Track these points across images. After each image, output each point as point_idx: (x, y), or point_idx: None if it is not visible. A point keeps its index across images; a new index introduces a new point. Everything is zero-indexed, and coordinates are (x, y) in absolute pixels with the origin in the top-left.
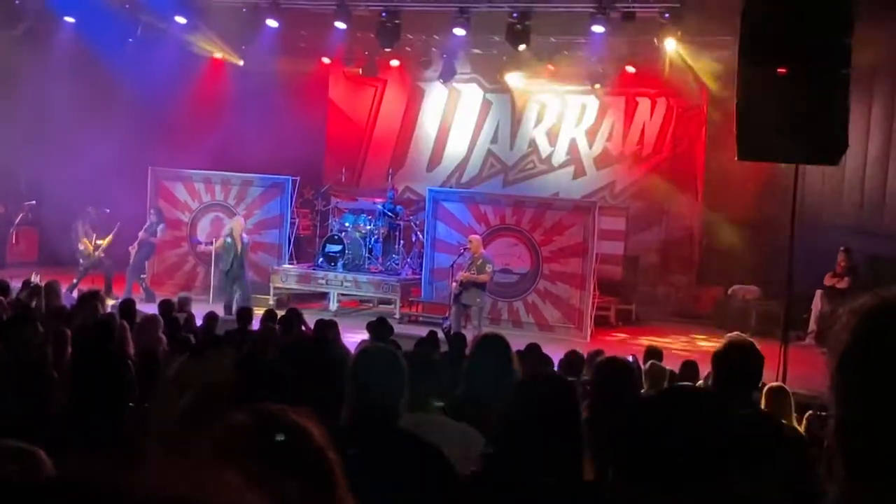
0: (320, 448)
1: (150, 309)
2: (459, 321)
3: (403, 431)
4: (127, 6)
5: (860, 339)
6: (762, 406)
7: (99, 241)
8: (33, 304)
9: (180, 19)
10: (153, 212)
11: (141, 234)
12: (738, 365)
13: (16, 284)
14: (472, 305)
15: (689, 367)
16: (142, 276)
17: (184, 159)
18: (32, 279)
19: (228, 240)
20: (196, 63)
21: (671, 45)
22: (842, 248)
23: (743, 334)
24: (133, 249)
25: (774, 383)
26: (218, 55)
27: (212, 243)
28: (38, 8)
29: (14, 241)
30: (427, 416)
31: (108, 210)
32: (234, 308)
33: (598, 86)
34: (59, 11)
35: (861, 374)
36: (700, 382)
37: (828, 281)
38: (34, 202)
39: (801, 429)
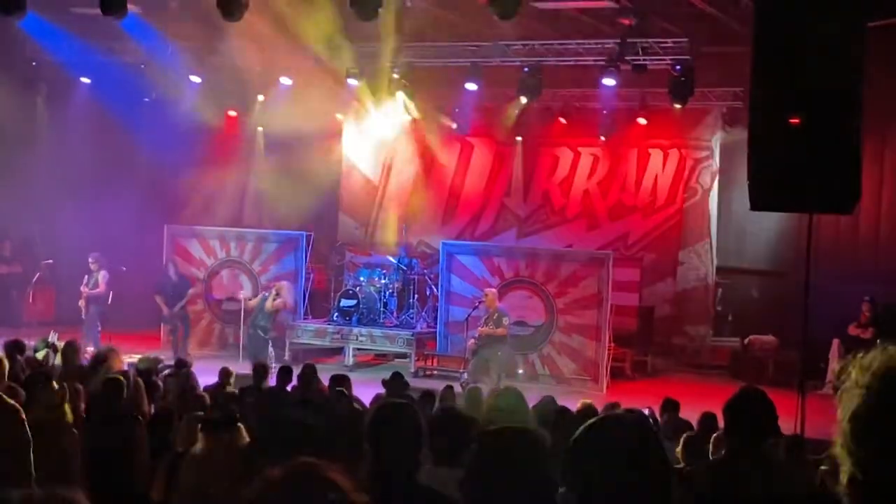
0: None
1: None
2: (477, 375)
3: (422, 486)
4: (142, 66)
5: (871, 397)
6: (780, 457)
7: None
8: (50, 362)
9: (195, 79)
10: (92, 261)
11: (83, 289)
12: (749, 415)
13: (32, 343)
14: (492, 360)
15: (708, 419)
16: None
17: (199, 216)
18: (49, 338)
19: (261, 297)
20: (211, 121)
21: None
22: (866, 299)
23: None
24: (82, 305)
25: (790, 434)
26: (232, 112)
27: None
28: (55, 69)
29: (31, 300)
30: (452, 472)
31: (124, 268)
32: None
33: (606, 138)
34: (75, 72)
35: (872, 432)
36: (716, 434)
37: (852, 331)
38: (51, 261)
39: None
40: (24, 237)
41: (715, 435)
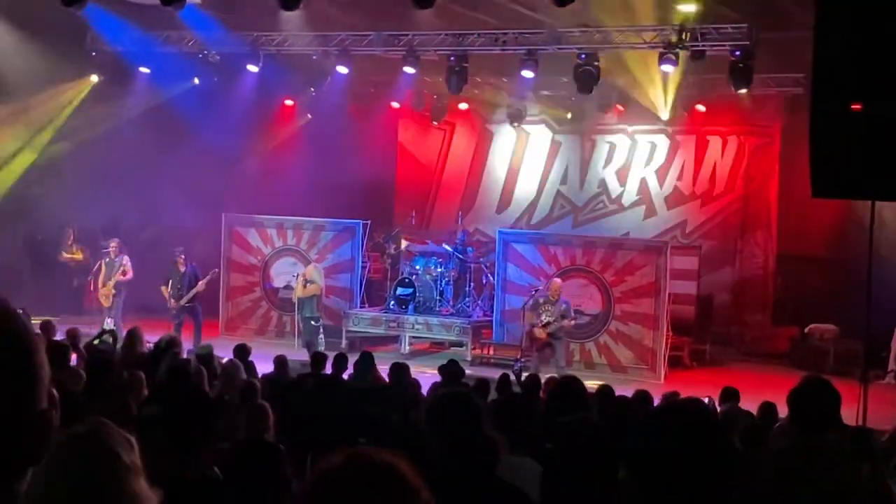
0: (415, 489)
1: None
2: (542, 364)
3: (500, 480)
4: (200, 56)
5: None
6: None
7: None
8: (113, 350)
9: (252, 67)
10: (114, 245)
11: (116, 276)
12: (814, 404)
13: (92, 331)
14: (558, 350)
15: (768, 409)
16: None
17: (256, 204)
18: (106, 325)
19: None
20: (267, 109)
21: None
22: None
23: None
24: (109, 293)
25: (857, 426)
26: (289, 102)
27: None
28: (114, 59)
29: (91, 287)
30: (519, 461)
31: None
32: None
33: (669, 126)
34: (134, 62)
35: None
36: (778, 424)
37: None
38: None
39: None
40: (86, 225)
41: (777, 425)
